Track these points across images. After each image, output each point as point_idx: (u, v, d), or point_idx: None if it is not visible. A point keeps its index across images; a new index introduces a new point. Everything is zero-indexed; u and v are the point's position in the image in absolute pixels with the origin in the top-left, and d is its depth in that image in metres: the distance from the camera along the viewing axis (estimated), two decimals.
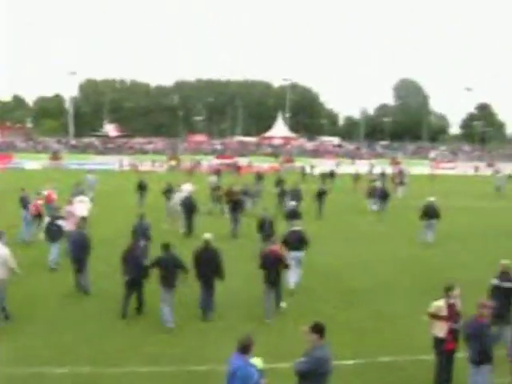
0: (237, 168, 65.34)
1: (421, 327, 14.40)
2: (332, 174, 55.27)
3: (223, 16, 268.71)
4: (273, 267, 15.26)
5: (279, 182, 41.17)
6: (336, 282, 19.29)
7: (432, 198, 27.49)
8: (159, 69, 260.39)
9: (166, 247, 14.88)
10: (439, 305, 11.38)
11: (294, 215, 24.20)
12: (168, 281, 14.42)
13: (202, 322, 14.77)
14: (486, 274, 15.92)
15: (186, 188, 32.82)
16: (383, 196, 36.80)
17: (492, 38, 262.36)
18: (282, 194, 36.37)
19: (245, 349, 8.06)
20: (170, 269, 14.51)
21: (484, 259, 22.67)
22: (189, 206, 27.58)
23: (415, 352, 13.17)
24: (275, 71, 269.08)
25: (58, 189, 31.26)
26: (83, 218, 21.65)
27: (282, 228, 21.91)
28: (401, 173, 58.69)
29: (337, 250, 24.65)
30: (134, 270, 15.19)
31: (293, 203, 28.27)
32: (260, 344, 12.25)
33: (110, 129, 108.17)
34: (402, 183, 48.13)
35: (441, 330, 11.21)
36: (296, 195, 33.40)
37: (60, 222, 20.65)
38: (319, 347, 8.45)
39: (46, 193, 28.36)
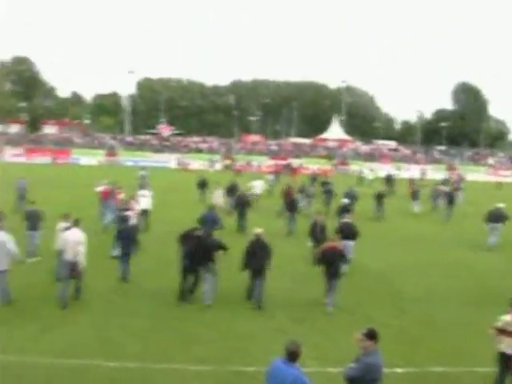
0: (291, 169, 65.01)
1: (475, 337, 14.09)
2: (389, 179, 54.29)
3: (282, 16, 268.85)
4: (333, 262, 15.80)
5: (325, 183, 41.15)
6: (388, 287, 18.92)
7: (501, 204, 27.47)
8: (215, 68, 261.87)
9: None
10: (507, 320, 10.85)
11: (345, 211, 24.81)
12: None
13: (252, 322, 14.61)
14: None
15: (257, 184, 36.61)
16: (449, 200, 36.63)
17: None
18: (328, 193, 37.07)
19: (294, 356, 7.78)
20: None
21: None
22: (242, 203, 28.42)
23: (469, 363, 12.76)
24: (332, 73, 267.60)
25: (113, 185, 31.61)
26: (144, 211, 24.49)
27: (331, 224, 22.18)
28: (460, 179, 57.57)
29: (389, 254, 24.23)
30: (201, 256, 15.98)
31: (345, 200, 28.97)
32: (311, 347, 12.13)
33: (164, 128, 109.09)
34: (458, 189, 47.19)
35: (508, 346, 10.72)
36: (351, 195, 33.60)
37: (128, 213, 21.39)
38: (371, 353, 8.20)
39: (100, 189, 28.81)
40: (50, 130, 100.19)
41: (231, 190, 33.46)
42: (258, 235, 16.24)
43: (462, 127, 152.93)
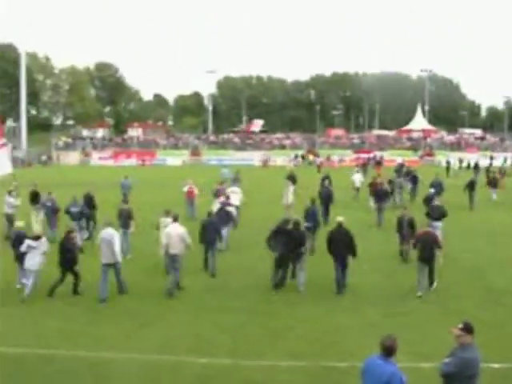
0: (376, 162, 64.16)
1: None
2: (476, 167, 53.44)
3: (357, 8, 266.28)
4: (426, 246, 16.40)
5: (410, 172, 40.46)
6: (479, 280, 18.40)
7: None
8: (295, 64, 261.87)
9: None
10: None
11: (431, 200, 25.67)
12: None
13: (343, 317, 14.47)
14: None
15: (357, 177, 38.69)
16: None
17: None
18: (414, 183, 37.41)
19: (390, 351, 7.55)
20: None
21: None
22: (327, 197, 28.93)
23: None
24: (414, 62, 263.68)
25: (198, 184, 32.09)
26: (236, 207, 24.89)
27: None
28: None
29: (479, 246, 23.61)
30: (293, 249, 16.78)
31: (432, 190, 29.74)
32: (403, 342, 11.89)
33: (257, 123, 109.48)
34: None
35: None
36: (437, 184, 33.21)
37: (229, 209, 22.79)
38: (468, 348, 7.92)
39: (186, 188, 29.31)
40: (134, 132, 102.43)
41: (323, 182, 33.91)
42: (339, 223, 16.92)
43: None
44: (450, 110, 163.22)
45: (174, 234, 16.67)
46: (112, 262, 15.98)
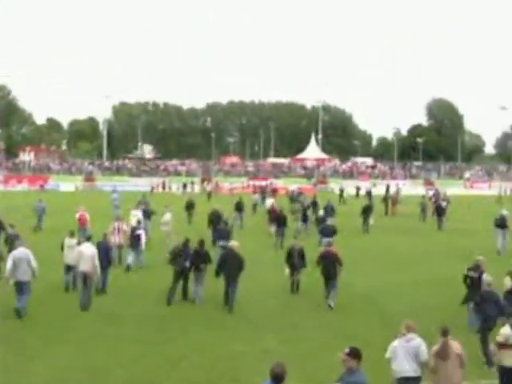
0: (272, 190, 64.89)
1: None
2: (369, 194, 57.88)
3: (255, 38, 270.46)
4: (330, 264, 18.35)
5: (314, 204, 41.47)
6: (372, 304, 18.91)
7: (505, 211, 31.31)
8: (191, 91, 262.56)
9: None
10: (507, 332, 10.80)
11: (323, 220, 30.53)
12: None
13: (238, 344, 14.50)
14: None
15: (269, 202, 39.55)
16: (439, 213, 39.89)
17: None
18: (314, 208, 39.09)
19: (279, 378, 7.68)
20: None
21: None
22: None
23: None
24: (308, 93, 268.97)
25: (91, 210, 31.82)
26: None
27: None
28: (436, 194, 57.86)
29: (372, 270, 24.25)
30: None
31: (321, 212, 34.62)
32: (296, 368, 12.07)
33: (146, 150, 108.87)
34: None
35: (511, 359, 10.69)
36: (330, 208, 36.21)
37: (139, 232, 23.83)
38: (355, 373, 8.15)
39: (77, 215, 28.93)
40: (26, 157, 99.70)
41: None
42: (231, 248, 18.83)
43: (438, 142, 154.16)
44: (343, 139, 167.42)
45: (86, 253, 17.56)
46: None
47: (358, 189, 69.60)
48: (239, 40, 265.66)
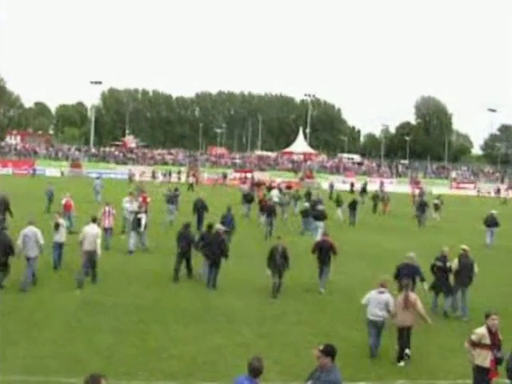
0: (258, 182, 64.86)
1: (437, 350, 14.22)
2: (364, 190, 58.05)
3: (246, 29, 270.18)
4: (325, 252, 19.92)
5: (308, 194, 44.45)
6: (351, 301, 18.91)
7: (494, 211, 33.97)
8: (181, 80, 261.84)
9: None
10: (482, 332, 10.87)
11: (315, 205, 33.83)
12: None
13: (217, 337, 14.47)
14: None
15: (275, 193, 41.63)
16: (423, 210, 41.59)
17: None
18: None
19: (257, 372, 7.68)
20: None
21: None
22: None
23: (432, 376, 12.92)
24: (297, 86, 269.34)
25: (77, 196, 31.82)
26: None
27: None
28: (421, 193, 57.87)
29: (353, 267, 24.26)
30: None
31: (306, 204, 37.07)
32: (274, 362, 12.07)
33: (130, 140, 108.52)
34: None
35: (484, 359, 10.71)
36: (318, 201, 36.92)
37: (140, 216, 25.39)
38: (331, 371, 8.10)
39: (63, 201, 28.84)
40: (13, 140, 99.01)
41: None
42: (217, 229, 20.80)
43: (425, 141, 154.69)
44: (331, 134, 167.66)
45: (90, 233, 18.97)
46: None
47: (352, 185, 68.65)
48: (231, 31, 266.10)
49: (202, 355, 13.27)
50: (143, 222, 25.16)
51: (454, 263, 17.79)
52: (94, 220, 20.12)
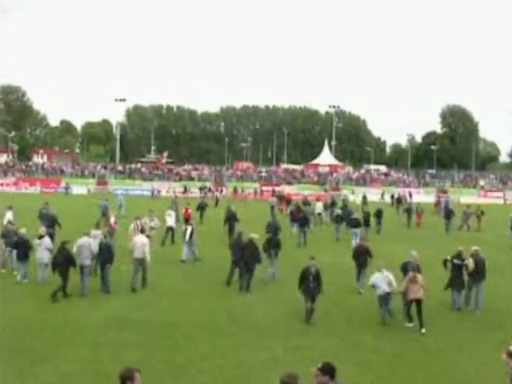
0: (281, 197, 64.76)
1: (470, 363, 13.95)
2: (399, 201, 59.21)
3: (270, 42, 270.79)
4: (362, 255, 21.72)
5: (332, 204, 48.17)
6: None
7: None
8: (205, 95, 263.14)
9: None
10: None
11: (349, 214, 36.53)
12: None
13: (246, 352, 14.32)
14: None
15: (319, 205, 44.89)
16: (449, 216, 42.46)
17: None
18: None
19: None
20: None
21: None
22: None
23: None
24: (322, 98, 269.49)
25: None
26: (170, 228, 31.66)
27: None
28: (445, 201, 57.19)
29: None
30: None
31: (338, 211, 39.72)
32: (304, 376, 11.94)
33: (163, 156, 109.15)
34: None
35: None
36: (347, 209, 40.37)
37: (187, 227, 27.49)
38: None
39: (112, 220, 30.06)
40: (39, 159, 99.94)
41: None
42: (250, 238, 21.65)
43: (452, 150, 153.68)
44: (356, 145, 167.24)
45: (140, 242, 21.02)
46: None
47: (392, 196, 69.06)
48: (254, 44, 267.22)
49: (231, 370, 13.16)
50: (188, 232, 26.74)
51: (469, 262, 19.12)
52: (142, 231, 23.64)
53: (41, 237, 21.25)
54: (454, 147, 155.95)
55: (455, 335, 16.37)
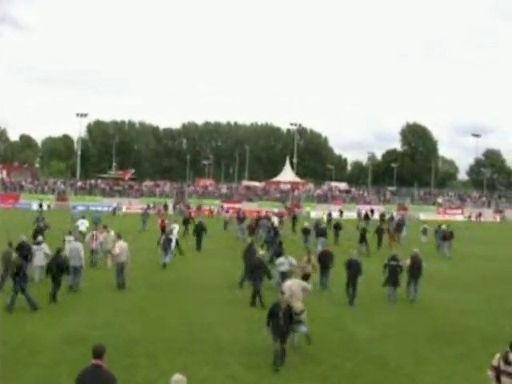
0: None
1: (427, 377, 14.07)
2: (367, 217, 61.02)
3: (231, 59, 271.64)
4: (326, 259, 25.25)
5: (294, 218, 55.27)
6: (340, 330, 18.80)
7: (444, 226, 42.65)
8: (168, 111, 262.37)
9: None
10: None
11: (317, 226, 41.65)
12: None
13: (205, 369, 14.24)
14: (488, 320, 15.77)
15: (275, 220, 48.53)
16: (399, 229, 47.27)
17: (498, 86, 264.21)
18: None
19: None
20: None
21: (489, 306, 23.29)
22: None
23: None
24: (284, 115, 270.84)
25: (63, 227, 31.95)
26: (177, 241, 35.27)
27: None
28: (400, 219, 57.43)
29: (341, 295, 24.16)
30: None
31: (306, 224, 43.69)
32: None
33: (127, 172, 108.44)
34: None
35: None
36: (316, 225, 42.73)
37: (171, 237, 32.10)
38: None
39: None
40: None
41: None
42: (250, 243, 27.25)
43: (412, 167, 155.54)
44: (318, 163, 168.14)
45: (124, 246, 24.19)
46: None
47: (340, 212, 73.14)
48: (216, 61, 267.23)
49: None
50: (173, 242, 32.67)
51: (406, 262, 23.56)
52: (119, 236, 25.68)
53: (38, 243, 24.39)
54: (413, 165, 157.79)
55: (414, 350, 16.53)
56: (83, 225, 36.92)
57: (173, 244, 32.37)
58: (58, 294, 21.04)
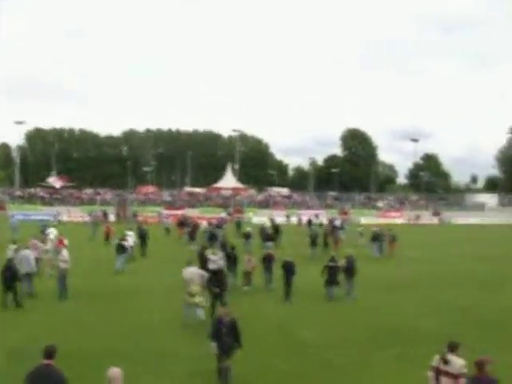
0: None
1: (370, 379, 14.30)
2: (310, 223, 63.09)
3: (172, 65, 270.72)
4: (269, 261, 27.40)
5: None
6: (287, 334, 18.94)
7: (375, 228, 43.74)
8: (108, 118, 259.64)
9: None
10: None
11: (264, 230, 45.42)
12: None
13: (149, 378, 14.20)
14: (427, 321, 16.12)
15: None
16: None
17: (439, 89, 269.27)
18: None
19: None
20: None
21: (429, 308, 23.70)
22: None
23: None
24: (225, 122, 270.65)
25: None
26: (132, 247, 36.24)
27: None
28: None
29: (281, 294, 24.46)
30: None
31: (249, 229, 45.32)
32: None
33: (56, 180, 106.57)
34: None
35: None
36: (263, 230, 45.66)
37: (124, 243, 32.47)
38: None
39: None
40: None
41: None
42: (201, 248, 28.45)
43: (353, 172, 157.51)
44: (260, 168, 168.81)
45: (65, 255, 24.18)
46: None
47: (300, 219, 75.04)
48: (157, 67, 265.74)
49: None
50: (128, 249, 33.42)
51: (342, 262, 25.41)
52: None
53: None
54: (354, 170, 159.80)
55: (356, 351, 16.78)
56: (52, 234, 36.95)
57: (128, 251, 33.18)
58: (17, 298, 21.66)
